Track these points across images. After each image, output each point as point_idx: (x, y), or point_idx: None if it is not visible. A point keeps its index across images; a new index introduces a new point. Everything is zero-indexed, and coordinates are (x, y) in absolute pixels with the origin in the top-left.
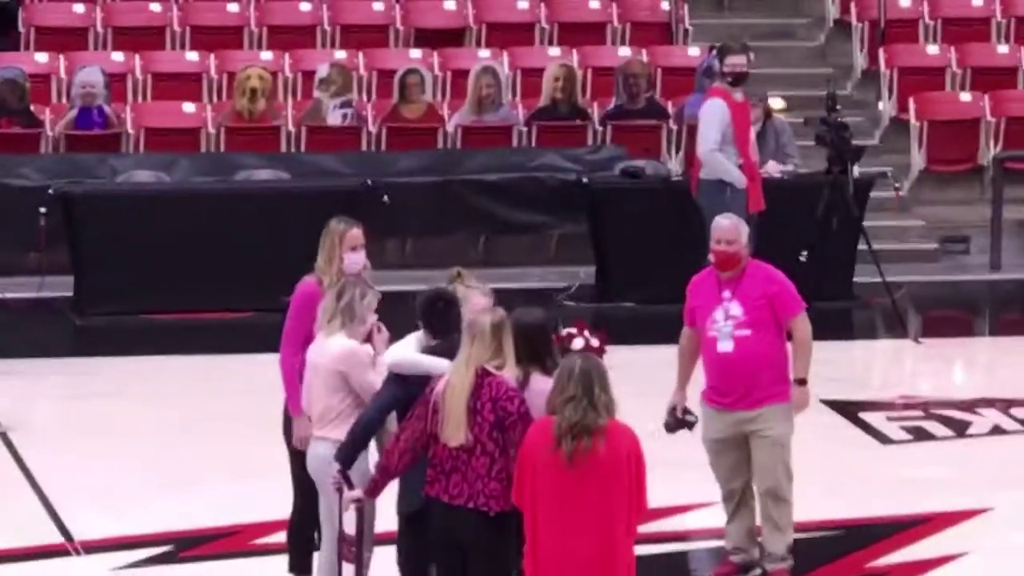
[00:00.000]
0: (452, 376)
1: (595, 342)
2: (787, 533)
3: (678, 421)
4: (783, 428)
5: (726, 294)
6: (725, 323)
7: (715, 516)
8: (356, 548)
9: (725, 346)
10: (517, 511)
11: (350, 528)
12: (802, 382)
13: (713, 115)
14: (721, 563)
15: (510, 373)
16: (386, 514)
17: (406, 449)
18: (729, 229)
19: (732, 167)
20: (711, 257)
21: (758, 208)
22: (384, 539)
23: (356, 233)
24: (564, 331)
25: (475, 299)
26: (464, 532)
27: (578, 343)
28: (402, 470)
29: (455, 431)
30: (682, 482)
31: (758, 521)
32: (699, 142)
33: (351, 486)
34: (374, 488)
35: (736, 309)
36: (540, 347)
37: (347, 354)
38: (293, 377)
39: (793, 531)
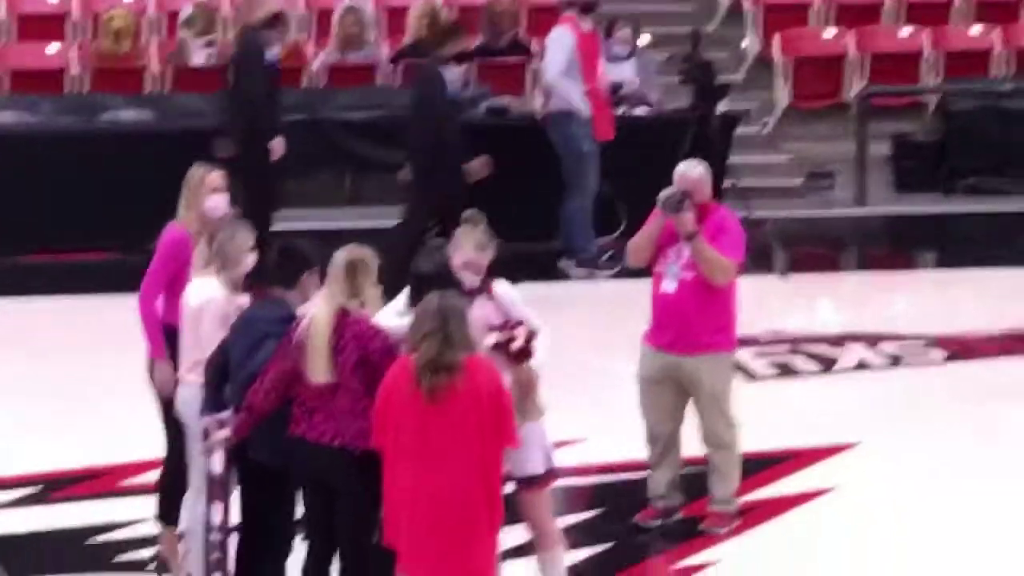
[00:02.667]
0: (313, 312)
1: (517, 345)
2: (729, 479)
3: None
4: (718, 377)
5: None
6: (674, 263)
7: (578, 453)
8: (224, 487)
9: (668, 286)
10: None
11: (218, 468)
12: (691, 236)
13: (558, 43)
14: (644, 508)
15: (373, 310)
16: None
17: (271, 388)
18: (691, 181)
19: (576, 94)
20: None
21: (606, 137)
22: None
23: (215, 176)
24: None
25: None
26: (329, 471)
27: (489, 339)
28: (268, 409)
29: (318, 368)
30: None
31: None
32: (544, 69)
33: (220, 427)
34: (240, 427)
35: (687, 251)
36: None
37: (202, 303)
38: (152, 320)
39: (739, 476)
